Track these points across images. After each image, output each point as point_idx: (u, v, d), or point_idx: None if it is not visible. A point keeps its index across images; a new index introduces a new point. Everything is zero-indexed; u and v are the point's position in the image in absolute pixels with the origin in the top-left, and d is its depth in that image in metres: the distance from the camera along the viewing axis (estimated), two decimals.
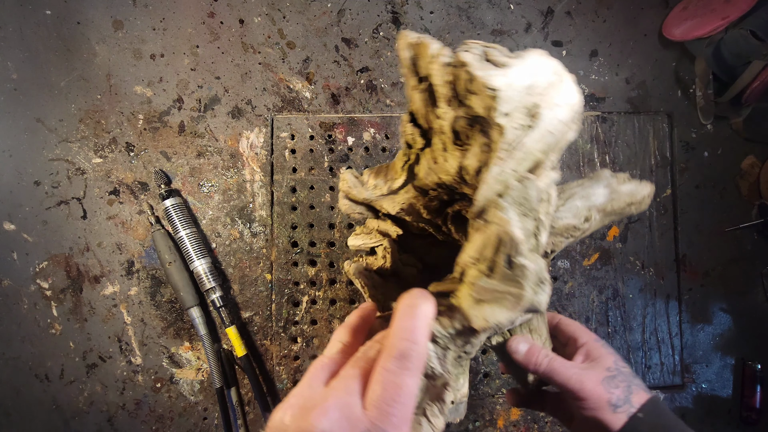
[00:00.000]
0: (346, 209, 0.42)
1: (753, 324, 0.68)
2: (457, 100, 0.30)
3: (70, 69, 0.62)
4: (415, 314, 0.25)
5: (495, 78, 0.27)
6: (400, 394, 0.23)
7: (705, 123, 0.67)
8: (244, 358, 0.59)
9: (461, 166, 0.33)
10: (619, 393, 0.37)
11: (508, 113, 0.27)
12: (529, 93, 0.28)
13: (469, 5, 0.66)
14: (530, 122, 0.28)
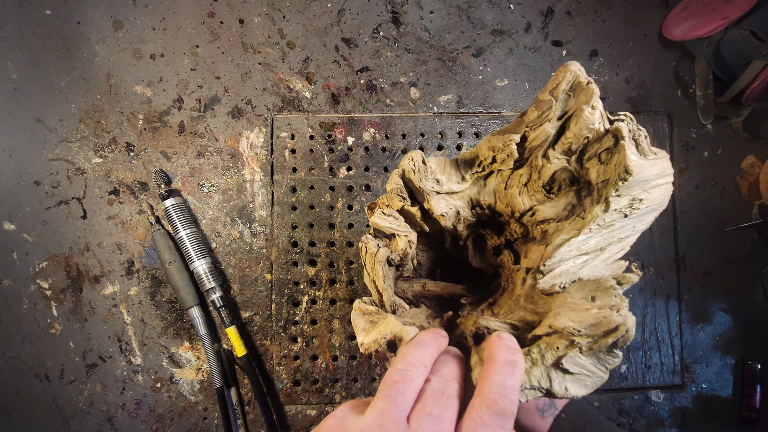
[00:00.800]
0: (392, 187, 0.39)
1: (753, 324, 0.68)
2: (580, 157, 0.31)
3: (70, 69, 0.62)
4: (515, 373, 0.24)
5: (635, 164, 0.28)
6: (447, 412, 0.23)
7: (705, 123, 0.67)
8: (244, 358, 0.59)
9: (533, 209, 0.33)
10: (545, 400, 0.40)
11: (620, 195, 0.29)
12: (643, 188, 0.29)
13: (469, 5, 0.66)
14: (627, 212, 0.29)
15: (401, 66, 0.65)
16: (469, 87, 0.66)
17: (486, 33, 0.66)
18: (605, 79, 0.67)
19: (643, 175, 0.28)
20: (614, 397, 0.64)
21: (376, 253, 0.36)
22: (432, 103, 0.66)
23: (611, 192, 0.28)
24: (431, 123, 0.65)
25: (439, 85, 0.66)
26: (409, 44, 0.66)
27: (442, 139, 0.65)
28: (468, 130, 0.65)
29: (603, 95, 0.67)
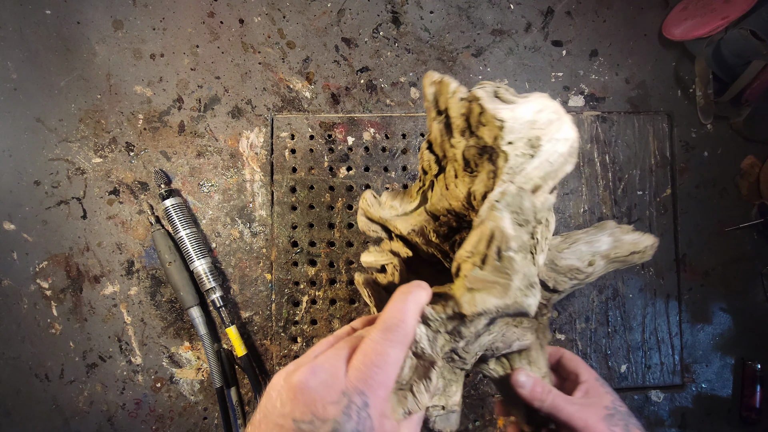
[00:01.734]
0: (362, 226, 0.45)
1: (753, 324, 0.68)
2: (470, 131, 0.34)
3: (70, 69, 0.62)
4: (407, 298, 0.28)
5: (502, 111, 0.31)
6: (379, 360, 0.25)
7: (705, 123, 0.67)
8: (244, 358, 0.59)
9: (470, 191, 0.36)
10: (618, 430, 0.38)
11: (512, 142, 0.31)
12: (531, 127, 0.31)
13: (469, 5, 0.66)
14: (531, 152, 0.31)
15: (401, 66, 0.65)
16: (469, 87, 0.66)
17: (486, 33, 0.66)
18: (605, 78, 0.67)
19: (518, 115, 0.31)
20: None
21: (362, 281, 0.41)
22: None
23: (501, 142, 0.31)
24: None
25: None
26: (409, 44, 0.66)
27: None
28: None
29: (603, 95, 0.67)
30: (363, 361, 0.25)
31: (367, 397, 0.24)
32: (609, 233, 0.41)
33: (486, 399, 0.63)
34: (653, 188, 0.67)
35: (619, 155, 0.66)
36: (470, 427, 0.63)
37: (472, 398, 0.63)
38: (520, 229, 0.28)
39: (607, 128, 0.66)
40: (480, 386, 0.63)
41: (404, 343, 0.27)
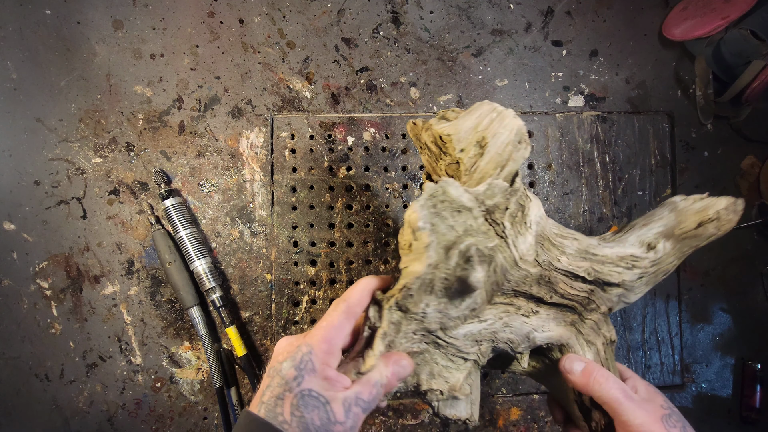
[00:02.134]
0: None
1: (753, 324, 0.68)
2: (442, 151, 0.41)
3: (70, 69, 0.62)
4: (358, 282, 0.36)
5: (446, 128, 0.39)
6: (324, 323, 0.34)
7: (705, 123, 0.67)
8: (244, 358, 0.59)
9: None
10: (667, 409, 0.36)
11: (463, 149, 0.38)
12: (475, 131, 0.38)
13: (469, 5, 0.66)
14: (481, 151, 0.37)
15: (401, 66, 0.65)
16: (469, 87, 0.66)
17: (486, 33, 0.66)
18: (605, 78, 0.67)
19: (460, 127, 0.38)
20: None
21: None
22: (432, 103, 0.66)
23: (455, 153, 0.38)
24: None
25: (439, 85, 0.66)
26: (409, 44, 0.66)
27: None
28: None
29: (603, 95, 0.67)
30: (315, 325, 0.34)
31: (311, 346, 0.32)
32: (670, 208, 0.40)
33: (486, 399, 0.63)
34: (653, 188, 0.67)
35: (619, 155, 0.66)
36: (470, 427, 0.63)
37: None
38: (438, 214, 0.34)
39: (607, 128, 0.67)
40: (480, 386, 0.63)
41: (346, 312, 0.34)
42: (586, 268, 0.40)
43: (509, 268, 0.38)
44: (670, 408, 0.37)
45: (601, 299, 0.41)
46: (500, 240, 0.37)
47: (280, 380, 0.31)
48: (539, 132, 0.66)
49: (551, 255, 0.40)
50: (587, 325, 0.42)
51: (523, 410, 0.64)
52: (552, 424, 0.64)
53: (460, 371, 0.39)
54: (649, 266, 0.40)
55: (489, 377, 0.64)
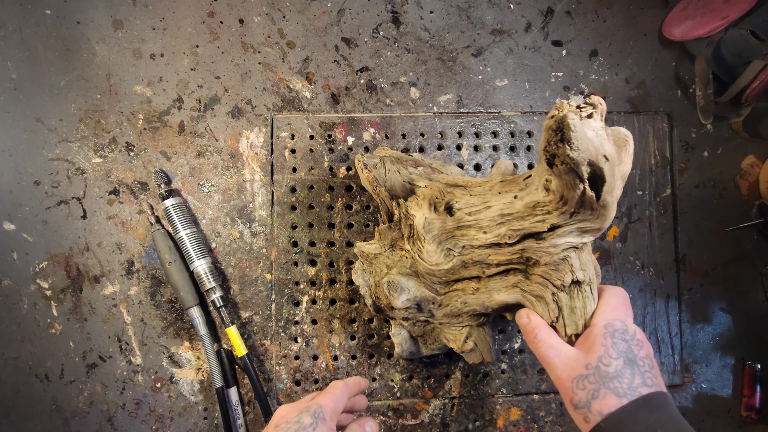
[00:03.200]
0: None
1: (753, 324, 0.68)
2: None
3: (70, 69, 0.62)
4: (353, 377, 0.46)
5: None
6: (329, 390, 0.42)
7: (705, 123, 0.67)
8: (244, 358, 0.59)
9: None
10: (582, 396, 0.35)
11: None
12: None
13: (469, 5, 0.66)
14: None
15: (401, 66, 0.65)
16: (469, 87, 0.66)
17: (486, 33, 0.66)
18: (605, 79, 0.67)
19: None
20: None
21: None
22: (432, 103, 0.66)
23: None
24: (431, 123, 0.65)
25: (439, 85, 0.66)
26: (409, 44, 0.66)
27: (442, 138, 0.65)
28: (468, 129, 0.65)
29: (603, 95, 0.67)
30: (320, 394, 0.42)
31: (321, 404, 0.39)
32: None
33: (486, 399, 0.63)
34: (653, 188, 0.67)
35: None
36: (470, 427, 0.63)
37: (472, 398, 0.63)
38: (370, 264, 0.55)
39: None
40: (480, 386, 0.63)
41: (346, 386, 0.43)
42: (504, 234, 0.43)
43: (435, 273, 0.48)
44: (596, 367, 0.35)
45: (540, 250, 0.42)
46: (412, 259, 0.49)
47: (297, 427, 0.37)
48: (539, 132, 0.66)
49: (468, 238, 0.45)
50: (533, 281, 0.44)
51: (523, 410, 0.64)
52: (552, 425, 0.64)
53: (460, 334, 0.52)
54: (562, 206, 0.39)
55: (489, 377, 0.64)
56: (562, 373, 0.37)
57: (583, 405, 0.35)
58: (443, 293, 0.50)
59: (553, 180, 0.38)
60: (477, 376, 0.63)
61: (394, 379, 0.62)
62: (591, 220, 0.40)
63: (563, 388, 0.37)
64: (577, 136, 0.33)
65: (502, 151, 0.65)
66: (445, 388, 0.63)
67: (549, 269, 0.43)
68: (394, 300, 0.49)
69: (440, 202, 0.48)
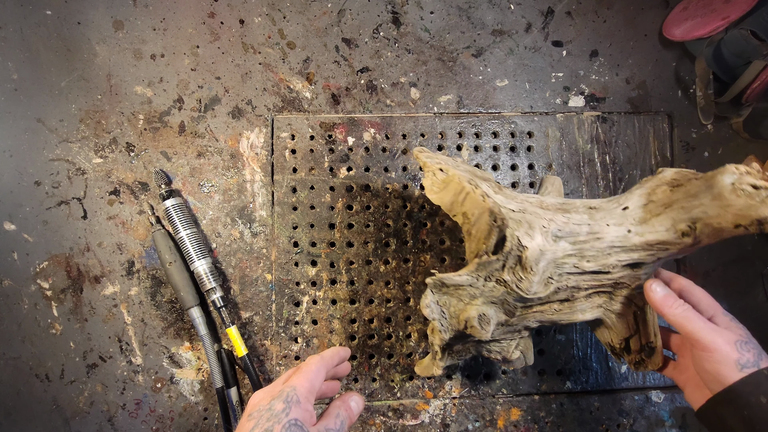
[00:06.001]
0: None
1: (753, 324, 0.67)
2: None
3: (71, 69, 0.62)
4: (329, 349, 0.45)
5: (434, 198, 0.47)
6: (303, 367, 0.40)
7: (705, 123, 0.67)
8: (244, 359, 0.59)
9: None
10: (750, 356, 0.38)
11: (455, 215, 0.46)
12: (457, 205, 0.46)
13: (469, 5, 0.66)
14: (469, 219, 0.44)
15: (401, 66, 0.65)
16: (469, 87, 0.66)
17: (486, 33, 0.67)
18: (605, 79, 0.67)
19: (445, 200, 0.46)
20: (614, 398, 0.64)
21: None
22: (432, 104, 0.66)
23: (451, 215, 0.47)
24: (431, 123, 0.65)
25: (440, 86, 0.66)
26: (409, 44, 0.66)
27: (443, 139, 0.65)
28: (468, 130, 0.65)
29: (603, 95, 0.67)
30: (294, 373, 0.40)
31: (294, 386, 0.37)
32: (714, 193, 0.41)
33: (486, 399, 0.63)
34: None
35: (620, 155, 0.66)
36: (470, 428, 0.63)
37: (473, 398, 0.63)
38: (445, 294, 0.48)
39: (607, 128, 0.67)
40: (480, 387, 0.63)
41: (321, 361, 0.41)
42: (610, 264, 0.44)
43: (520, 299, 0.45)
44: (748, 337, 0.40)
45: (631, 277, 0.45)
46: (505, 289, 0.44)
47: (269, 414, 0.35)
48: (539, 132, 0.66)
49: (569, 266, 0.45)
50: (617, 301, 0.47)
51: (523, 410, 0.64)
52: (552, 425, 0.64)
53: (510, 345, 0.51)
54: (689, 247, 0.43)
55: (489, 378, 0.64)
56: (720, 337, 0.39)
57: (752, 364, 0.38)
58: (519, 314, 0.47)
59: (704, 228, 0.41)
60: (477, 376, 0.63)
61: (394, 379, 0.62)
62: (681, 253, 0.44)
63: (724, 350, 0.39)
64: None
65: (503, 151, 0.65)
66: (445, 389, 0.63)
67: (635, 292, 0.46)
68: (484, 334, 0.44)
69: (547, 230, 0.43)
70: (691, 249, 0.43)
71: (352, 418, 0.41)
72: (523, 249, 0.42)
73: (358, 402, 0.42)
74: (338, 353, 0.45)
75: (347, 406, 0.41)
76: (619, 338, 0.49)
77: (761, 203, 0.38)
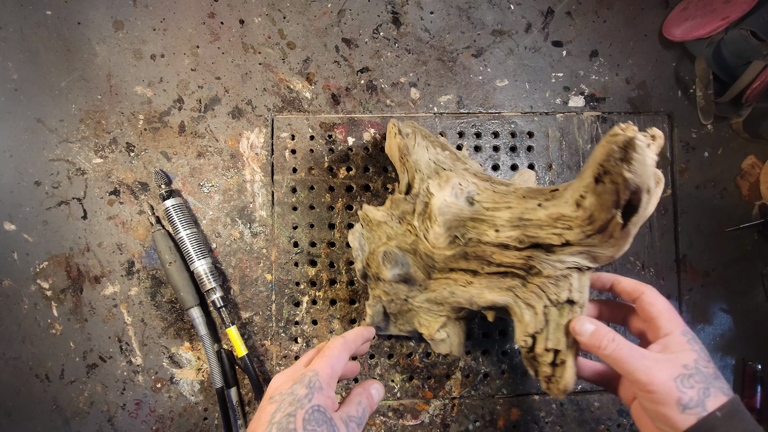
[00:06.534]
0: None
1: (753, 324, 0.68)
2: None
3: (71, 69, 0.62)
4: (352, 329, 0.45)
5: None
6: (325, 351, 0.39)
7: (705, 123, 0.67)
8: (244, 359, 0.59)
9: None
10: (693, 394, 0.34)
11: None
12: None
13: (469, 5, 0.66)
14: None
15: (401, 66, 0.65)
16: (469, 87, 0.66)
17: (486, 33, 0.67)
18: (605, 79, 0.67)
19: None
20: (614, 398, 0.64)
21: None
22: (432, 104, 0.66)
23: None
24: (431, 123, 0.65)
25: (440, 86, 0.66)
26: (409, 44, 0.66)
27: None
28: (468, 130, 0.65)
29: (603, 95, 0.67)
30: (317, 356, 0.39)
31: (316, 371, 0.36)
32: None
33: (486, 399, 0.63)
34: None
35: None
36: (470, 428, 0.63)
37: (473, 399, 0.63)
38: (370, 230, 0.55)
39: (607, 128, 0.67)
40: (480, 387, 0.63)
41: (344, 344, 0.40)
42: (516, 237, 0.43)
43: (433, 256, 0.47)
44: (695, 368, 0.35)
45: (546, 262, 0.42)
46: (415, 236, 0.48)
47: (292, 399, 0.34)
48: (539, 132, 0.66)
49: (478, 231, 0.45)
50: (529, 289, 0.44)
51: (523, 411, 0.64)
52: (552, 425, 0.64)
53: (436, 322, 0.52)
54: (587, 225, 0.39)
55: (489, 377, 0.64)
56: (658, 373, 0.34)
57: (696, 404, 0.33)
58: (434, 278, 0.50)
59: (589, 197, 0.38)
60: (477, 376, 0.63)
61: (394, 379, 0.62)
62: (606, 247, 0.40)
63: (663, 389, 0.34)
64: (639, 159, 0.33)
65: (503, 151, 0.65)
66: (445, 389, 0.63)
67: (549, 282, 0.43)
68: (385, 271, 0.49)
69: (462, 190, 0.47)
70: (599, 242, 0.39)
71: (373, 406, 0.40)
72: (429, 195, 0.46)
73: (378, 390, 0.41)
74: (361, 334, 0.43)
75: (368, 394, 0.39)
76: (524, 333, 0.44)
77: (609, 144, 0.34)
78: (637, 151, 0.33)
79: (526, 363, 0.47)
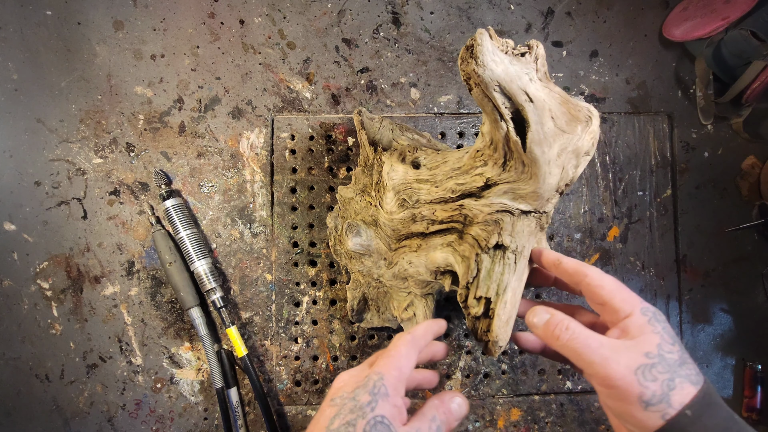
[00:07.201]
0: None
1: (753, 324, 0.68)
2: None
3: (71, 69, 0.62)
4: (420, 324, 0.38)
5: None
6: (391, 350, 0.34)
7: (705, 123, 0.67)
8: (244, 359, 0.59)
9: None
10: (656, 388, 0.29)
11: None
12: None
13: (469, 5, 0.66)
14: None
15: (401, 66, 0.65)
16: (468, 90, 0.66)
17: None
18: (605, 79, 0.67)
19: None
20: None
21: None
22: (432, 104, 0.66)
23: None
24: (432, 123, 0.65)
25: (440, 86, 0.66)
26: (409, 45, 0.66)
27: (443, 139, 0.65)
28: (468, 130, 0.65)
29: (603, 95, 0.67)
30: (382, 356, 0.34)
31: (382, 374, 0.32)
32: None
33: (486, 399, 0.63)
34: (654, 189, 0.67)
35: (620, 156, 0.66)
36: (470, 428, 0.63)
37: (473, 399, 0.63)
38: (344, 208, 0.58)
39: (607, 129, 0.67)
40: (480, 387, 0.63)
41: (412, 342, 0.35)
42: (449, 188, 0.44)
43: (388, 223, 0.50)
44: (658, 355, 0.30)
45: (476, 208, 0.42)
46: (375, 207, 0.52)
47: (353, 406, 0.30)
48: None
49: (424, 192, 0.46)
50: (465, 240, 0.43)
51: (523, 411, 0.64)
52: (552, 425, 0.64)
53: (404, 301, 0.54)
54: (493, 152, 0.39)
55: (489, 378, 0.64)
56: (616, 365, 0.30)
57: (659, 399, 0.29)
58: (394, 249, 0.51)
59: (485, 122, 0.39)
60: (477, 376, 0.63)
61: None
62: (524, 180, 0.38)
63: (622, 383, 0.30)
64: (483, 50, 0.34)
65: None
66: (445, 389, 0.63)
67: (480, 229, 0.41)
68: (348, 241, 0.52)
69: (409, 156, 0.51)
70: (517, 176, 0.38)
71: (451, 424, 0.33)
72: (381, 164, 0.52)
73: (461, 405, 0.34)
74: (431, 328, 0.37)
75: (447, 409, 0.33)
76: (461, 287, 0.42)
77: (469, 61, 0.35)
78: (479, 43, 0.34)
79: (468, 324, 0.42)
